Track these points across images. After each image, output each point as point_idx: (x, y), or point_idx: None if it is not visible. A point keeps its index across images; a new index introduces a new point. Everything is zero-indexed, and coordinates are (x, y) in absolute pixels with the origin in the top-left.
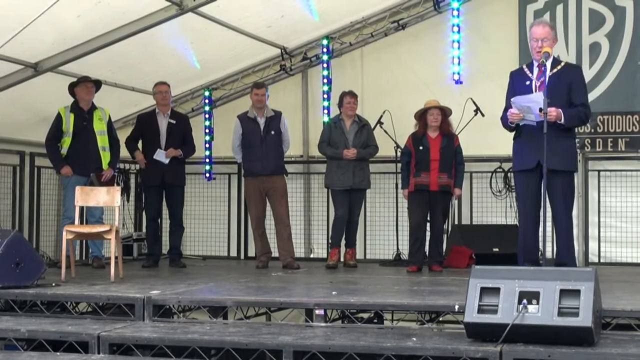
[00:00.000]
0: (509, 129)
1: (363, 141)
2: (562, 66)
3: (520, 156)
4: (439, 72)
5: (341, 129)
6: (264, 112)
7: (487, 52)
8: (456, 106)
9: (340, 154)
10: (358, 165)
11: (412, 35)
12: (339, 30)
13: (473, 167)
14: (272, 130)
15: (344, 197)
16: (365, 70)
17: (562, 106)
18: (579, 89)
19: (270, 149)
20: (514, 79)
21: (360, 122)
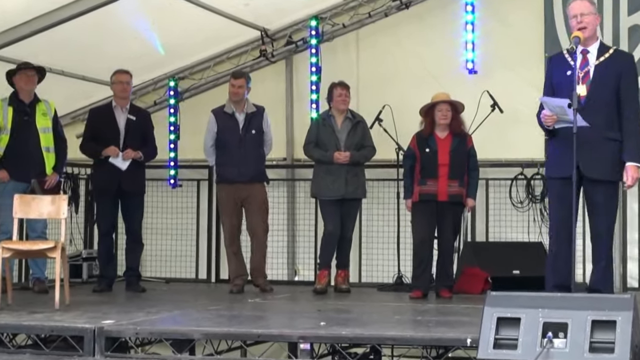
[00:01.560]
0: (547, 131)
1: (357, 141)
2: (610, 54)
3: (556, 160)
4: (450, 60)
5: (331, 127)
6: (243, 107)
7: (507, 36)
8: (470, 100)
9: (330, 157)
10: (351, 170)
11: (418, 16)
12: (330, 9)
13: (489, 174)
14: (253, 129)
15: (335, 209)
16: (362, 57)
17: (608, 104)
18: (630, 87)
19: (250, 151)
20: (552, 67)
21: (354, 118)
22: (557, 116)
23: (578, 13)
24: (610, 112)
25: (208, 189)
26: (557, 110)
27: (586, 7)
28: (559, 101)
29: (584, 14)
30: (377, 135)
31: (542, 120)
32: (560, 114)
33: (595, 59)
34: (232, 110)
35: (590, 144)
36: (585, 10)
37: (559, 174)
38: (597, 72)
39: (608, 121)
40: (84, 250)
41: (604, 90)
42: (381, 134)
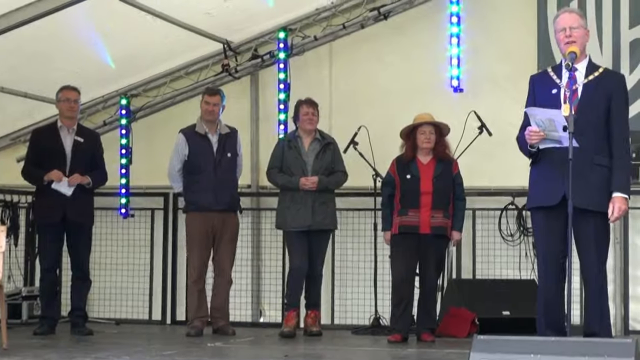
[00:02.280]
0: (527, 154)
1: (327, 165)
2: (600, 73)
3: (539, 188)
4: (433, 77)
5: (297, 150)
6: (216, 128)
7: (496, 51)
8: (455, 121)
9: (296, 183)
10: (319, 198)
11: (398, 28)
12: (300, 20)
13: (477, 203)
14: (228, 152)
15: (301, 242)
16: (335, 73)
17: (596, 127)
18: (620, 109)
19: (226, 175)
20: (535, 86)
21: (323, 140)
22: (545, 132)
23: (567, 26)
24: (599, 136)
25: (164, 219)
26: (546, 125)
27: (575, 20)
28: (549, 112)
29: (573, 28)
30: (352, 160)
31: (527, 138)
32: (549, 129)
33: (584, 77)
34: (204, 131)
35: (578, 170)
36: (574, 23)
37: (544, 203)
38: (585, 91)
39: (597, 145)
40: (23, 288)
41: (592, 111)
42: (357, 159)
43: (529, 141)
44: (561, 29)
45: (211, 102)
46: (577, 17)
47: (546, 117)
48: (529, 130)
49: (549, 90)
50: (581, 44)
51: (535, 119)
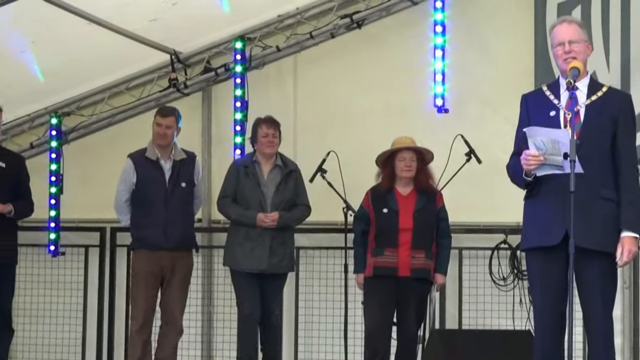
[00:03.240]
0: (522, 183)
1: (288, 198)
2: (604, 92)
3: (536, 225)
4: (414, 95)
5: (255, 178)
6: (170, 153)
7: (487, 66)
8: (439, 147)
9: (253, 218)
10: (278, 236)
11: (373, 38)
12: (260, 28)
13: (465, 242)
14: (183, 181)
15: (253, 285)
16: (301, 89)
17: (602, 155)
18: (627, 134)
19: (179, 209)
20: (529, 107)
21: (285, 167)
22: (545, 156)
23: (565, 40)
24: (605, 165)
25: (99, 257)
26: (548, 148)
27: (575, 32)
28: (553, 133)
29: (573, 42)
30: (320, 190)
31: (523, 163)
32: (550, 152)
33: (586, 97)
34: (156, 156)
35: (581, 204)
36: (574, 36)
37: (541, 243)
38: (588, 113)
39: (602, 176)
40: None
41: (597, 136)
42: (325, 189)
43: (525, 167)
44: (559, 42)
45: (163, 124)
46: (577, 28)
47: (549, 138)
48: (526, 154)
49: (546, 111)
50: (582, 59)
51: (535, 141)
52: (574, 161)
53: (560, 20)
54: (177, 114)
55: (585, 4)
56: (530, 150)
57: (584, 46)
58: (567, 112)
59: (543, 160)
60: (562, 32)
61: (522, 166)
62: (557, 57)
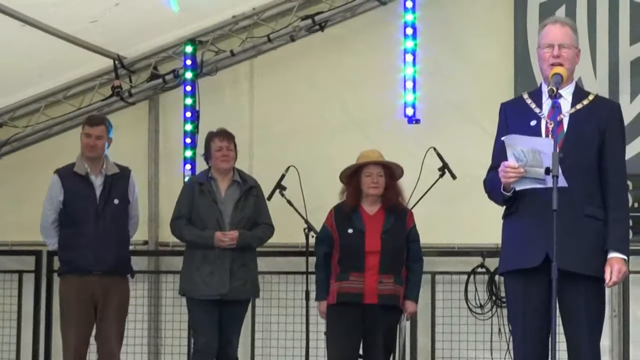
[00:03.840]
0: (500, 199)
1: (249, 216)
2: (590, 101)
3: (515, 246)
4: (382, 104)
5: (211, 196)
6: (102, 167)
7: (463, 72)
8: (410, 161)
9: (210, 238)
10: (239, 258)
11: (337, 41)
12: (212, 30)
13: (438, 265)
14: (116, 198)
15: (211, 314)
16: (258, 97)
17: (587, 169)
18: (615, 147)
19: (112, 229)
20: (508, 116)
21: (244, 183)
22: (525, 169)
23: (556, 43)
24: (590, 179)
25: (35, 284)
26: (529, 159)
27: (567, 36)
28: (534, 142)
29: (564, 46)
30: (278, 209)
31: (501, 175)
32: (531, 164)
33: (570, 106)
34: (85, 171)
35: (565, 224)
36: (566, 40)
37: (521, 265)
38: (572, 123)
39: (588, 192)
40: None
41: (582, 148)
42: (284, 208)
43: (503, 180)
44: (548, 44)
45: (93, 135)
46: (569, 32)
47: (530, 147)
48: (504, 165)
49: (526, 121)
50: (569, 67)
51: (515, 150)
52: (556, 176)
53: (553, 20)
54: (108, 123)
55: (570, 4)
56: (509, 162)
57: (573, 53)
58: (549, 122)
59: (523, 173)
60: (553, 33)
61: (500, 179)
62: (543, 59)
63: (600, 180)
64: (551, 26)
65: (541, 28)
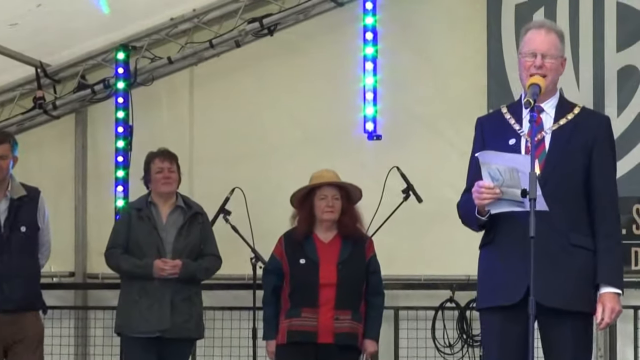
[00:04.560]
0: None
1: (193, 245)
2: (576, 115)
3: (493, 279)
4: (339, 117)
5: (151, 222)
6: (6, 189)
7: (429, 81)
8: (370, 182)
9: (149, 267)
10: (182, 291)
11: (289, 47)
12: (147, 34)
13: (402, 300)
14: (23, 225)
15: (150, 354)
16: (199, 110)
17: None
18: (605, 166)
19: (19, 260)
20: (485, 133)
21: (188, 209)
22: (502, 189)
23: (539, 52)
24: (577, 204)
25: None
26: (505, 178)
27: (553, 44)
28: (512, 159)
29: (548, 56)
30: (222, 236)
31: (475, 197)
32: (508, 184)
33: (553, 121)
34: None
35: (547, 254)
36: (551, 49)
37: (499, 301)
38: (556, 141)
39: (574, 218)
40: None
41: (566, 169)
42: (229, 235)
43: (477, 202)
44: (530, 52)
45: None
46: (555, 40)
47: (507, 165)
48: (478, 185)
49: (504, 139)
50: (553, 78)
51: (490, 169)
52: (533, 199)
53: (539, 24)
54: (13, 141)
55: (550, 5)
56: (484, 181)
57: (558, 63)
58: (529, 140)
59: (499, 194)
60: (537, 40)
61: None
62: (523, 67)
63: (588, 205)
64: (536, 32)
65: (524, 32)
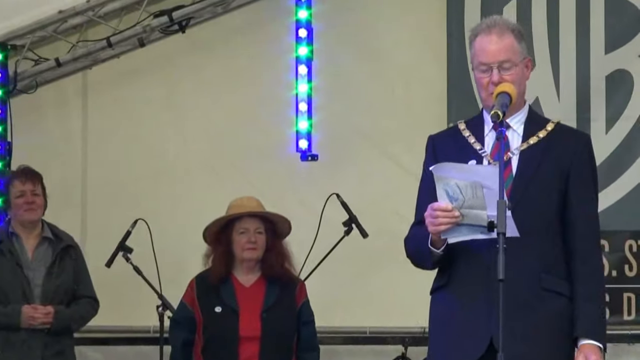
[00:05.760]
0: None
1: (67, 285)
2: (549, 132)
3: (448, 330)
4: (266, 134)
5: (14, 257)
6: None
7: (376, 89)
8: (303, 212)
9: (16, 316)
10: (54, 344)
11: (204, 47)
12: (31, 30)
13: (343, 356)
14: None
15: None
16: (94, 123)
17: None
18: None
19: None
20: (438, 154)
21: (57, 241)
22: (462, 211)
23: (493, 63)
24: (550, 241)
25: None
26: (467, 197)
27: (510, 49)
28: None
29: (506, 66)
30: (121, 278)
31: (429, 223)
32: (471, 204)
33: (522, 140)
34: None
35: (515, 300)
36: (509, 54)
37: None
38: (524, 164)
39: (546, 257)
40: None
41: (538, 198)
42: (129, 277)
43: (432, 229)
44: (482, 64)
45: None
46: (511, 42)
47: (469, 180)
48: (432, 208)
49: (461, 161)
50: (519, 87)
51: (448, 186)
52: (503, 234)
53: (486, 25)
54: None
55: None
56: (439, 203)
57: (520, 69)
58: (493, 163)
59: (459, 219)
60: (489, 50)
61: (428, 229)
62: (480, 85)
63: (564, 242)
64: (485, 38)
65: (472, 38)
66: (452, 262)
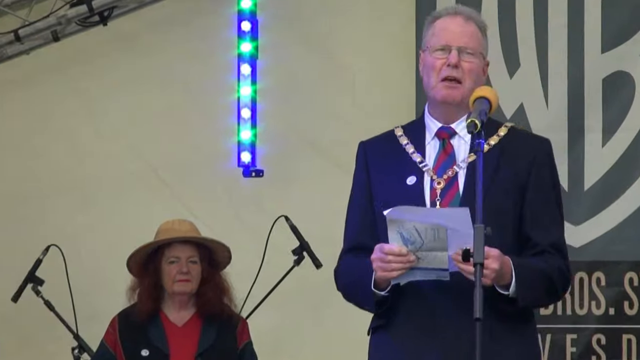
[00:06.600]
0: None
1: None
2: (502, 137)
3: None
4: (203, 145)
5: None
6: None
7: (332, 92)
8: (246, 238)
9: None
10: None
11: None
12: None
13: None
14: None
15: None
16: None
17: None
18: (544, 210)
19: None
20: (369, 165)
21: None
22: (418, 254)
23: (455, 45)
24: None
25: None
26: (426, 240)
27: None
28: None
29: (467, 51)
30: (29, 314)
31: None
32: (430, 247)
33: (469, 150)
34: None
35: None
36: (474, 42)
37: None
38: (472, 179)
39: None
40: None
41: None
42: (40, 313)
43: (382, 275)
44: (441, 45)
45: None
46: (476, 32)
47: (430, 222)
48: (383, 252)
49: (398, 177)
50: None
51: (403, 228)
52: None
53: (450, 10)
54: None
55: None
56: (391, 246)
57: (480, 65)
58: (435, 179)
59: (414, 262)
60: (452, 30)
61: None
62: (431, 67)
63: None
64: (449, 20)
65: (430, 21)
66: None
